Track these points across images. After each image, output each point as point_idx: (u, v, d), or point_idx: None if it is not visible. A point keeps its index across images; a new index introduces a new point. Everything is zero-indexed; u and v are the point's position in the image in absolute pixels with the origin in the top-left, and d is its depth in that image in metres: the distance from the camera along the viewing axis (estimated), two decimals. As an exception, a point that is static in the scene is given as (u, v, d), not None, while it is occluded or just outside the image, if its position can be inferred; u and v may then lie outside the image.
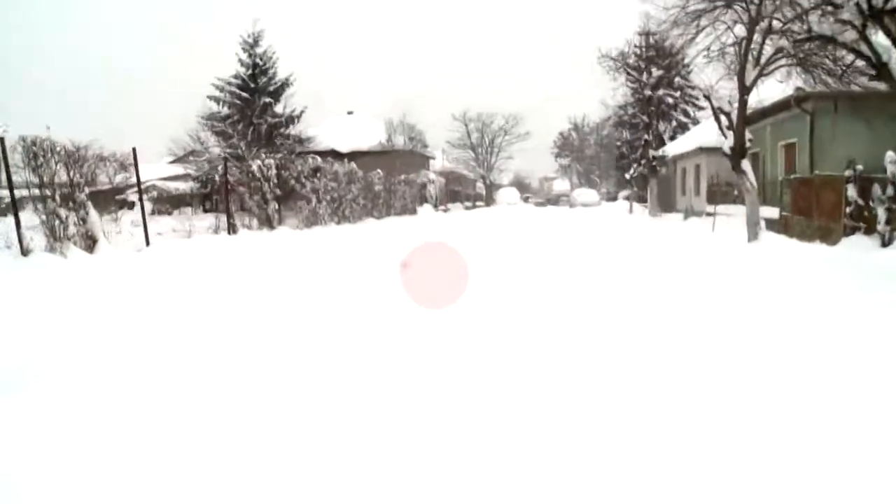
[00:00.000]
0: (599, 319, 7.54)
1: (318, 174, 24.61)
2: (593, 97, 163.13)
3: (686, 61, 28.96)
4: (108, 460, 3.73)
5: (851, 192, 17.89)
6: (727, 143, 15.53)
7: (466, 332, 7.00)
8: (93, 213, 13.27)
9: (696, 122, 56.31)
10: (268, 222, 20.59)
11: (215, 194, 28.21)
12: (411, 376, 5.41)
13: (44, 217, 12.32)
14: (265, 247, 16.60)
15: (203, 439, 4.04)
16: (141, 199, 15.52)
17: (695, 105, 63.08)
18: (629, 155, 64.96)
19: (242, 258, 14.11)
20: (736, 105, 15.65)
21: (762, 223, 24.39)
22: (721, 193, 32.78)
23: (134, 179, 15.45)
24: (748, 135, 15.59)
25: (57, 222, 12.34)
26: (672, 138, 42.25)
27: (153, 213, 21.62)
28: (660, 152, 37.59)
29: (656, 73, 32.83)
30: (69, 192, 12.95)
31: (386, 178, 34.48)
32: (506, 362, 5.79)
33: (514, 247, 16.41)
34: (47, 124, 12.80)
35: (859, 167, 17.77)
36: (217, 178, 20.53)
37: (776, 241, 15.96)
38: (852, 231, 17.90)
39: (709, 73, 15.83)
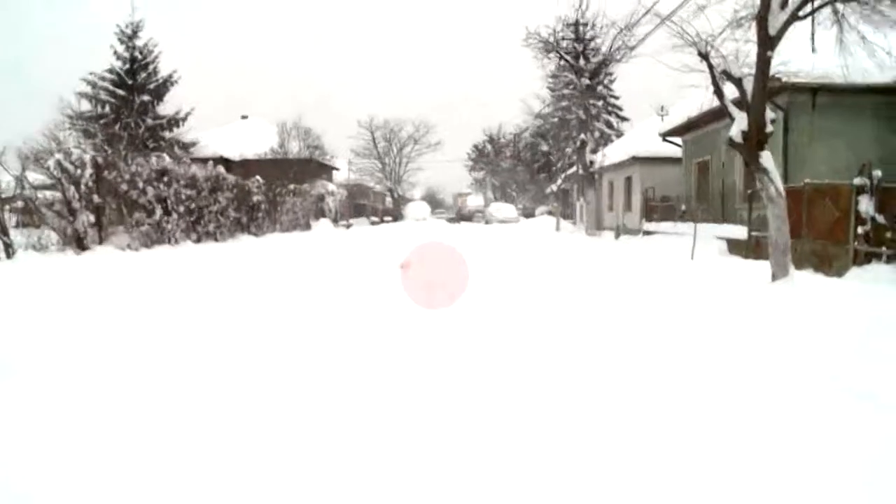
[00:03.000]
0: None
1: (167, 178, 18.96)
2: (510, 107, 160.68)
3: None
4: None
5: (865, 205, 13.38)
6: (737, 125, 10.43)
7: None
8: None
9: (619, 133, 52.55)
10: (76, 241, 14.85)
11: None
12: None
13: None
14: (41, 285, 10.91)
15: None
16: None
17: (618, 116, 59.52)
18: (553, 166, 60.81)
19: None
20: (747, 69, 10.31)
21: (724, 245, 20.03)
22: (661, 209, 28.44)
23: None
24: (770, 114, 10.50)
25: None
26: (594, 151, 37.72)
27: (17, 225, 15.66)
28: (598, 156, 32.83)
29: (595, 59, 27.81)
30: None
31: (268, 188, 28.85)
32: None
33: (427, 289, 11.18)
34: None
35: (877, 173, 13.31)
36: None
37: (809, 280, 11.00)
38: (867, 258, 13.43)
39: (709, 20, 10.61)
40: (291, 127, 46.74)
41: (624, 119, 59.56)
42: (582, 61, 27.97)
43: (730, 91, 11.39)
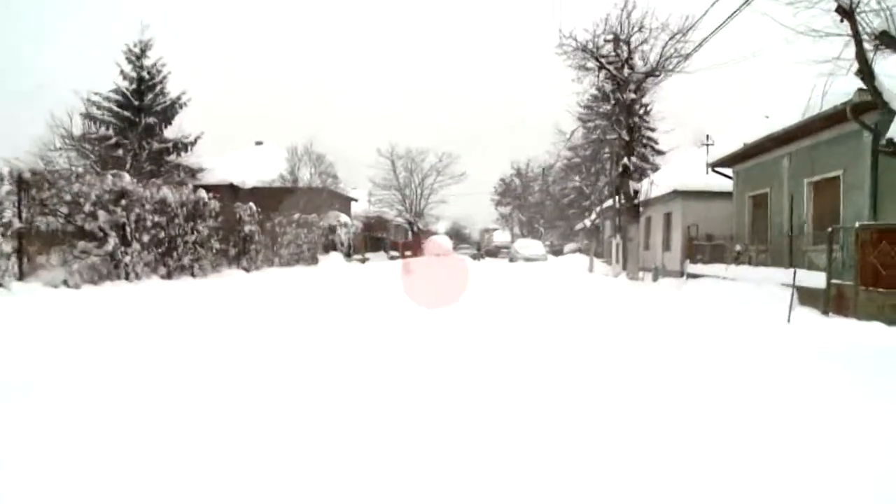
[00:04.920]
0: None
1: (125, 200, 15.90)
2: (540, 135, 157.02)
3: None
4: None
5: None
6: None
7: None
8: None
9: (654, 168, 49.07)
10: (-17, 276, 11.77)
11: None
12: None
13: None
14: None
15: None
16: None
17: (654, 149, 56.02)
18: (585, 200, 57.27)
19: None
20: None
21: (793, 297, 16.54)
22: (709, 250, 24.96)
23: None
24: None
25: None
26: (638, 179, 34.20)
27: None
28: (645, 184, 29.25)
29: (642, 67, 23.96)
30: None
31: (265, 217, 25.77)
32: None
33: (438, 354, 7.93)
34: None
35: None
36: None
37: None
38: None
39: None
40: (303, 153, 43.88)
41: (659, 153, 56.20)
42: (626, 71, 24.17)
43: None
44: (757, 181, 22.33)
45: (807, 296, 15.79)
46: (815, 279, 15.73)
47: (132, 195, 16.11)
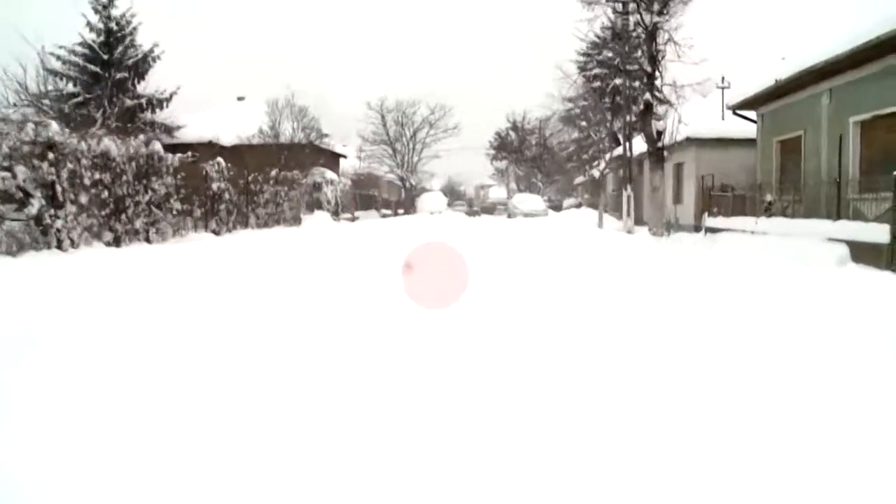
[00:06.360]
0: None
1: (54, 154, 13.36)
2: (539, 83, 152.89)
3: None
4: None
5: None
6: None
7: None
8: None
9: (658, 118, 46.40)
10: None
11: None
12: None
13: None
14: None
15: None
16: None
17: (657, 98, 53.13)
18: (584, 153, 54.43)
19: None
20: None
21: (842, 250, 14.17)
22: (732, 202, 22.50)
23: None
24: None
25: None
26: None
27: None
28: (670, 122, 26.96)
29: None
30: None
31: (238, 173, 23.18)
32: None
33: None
34: None
35: None
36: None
37: None
38: None
39: None
40: (284, 106, 41.12)
41: (663, 101, 53.39)
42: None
43: None
44: (787, 123, 19.82)
45: (861, 251, 13.43)
46: (872, 232, 13.37)
47: (63, 148, 13.54)
